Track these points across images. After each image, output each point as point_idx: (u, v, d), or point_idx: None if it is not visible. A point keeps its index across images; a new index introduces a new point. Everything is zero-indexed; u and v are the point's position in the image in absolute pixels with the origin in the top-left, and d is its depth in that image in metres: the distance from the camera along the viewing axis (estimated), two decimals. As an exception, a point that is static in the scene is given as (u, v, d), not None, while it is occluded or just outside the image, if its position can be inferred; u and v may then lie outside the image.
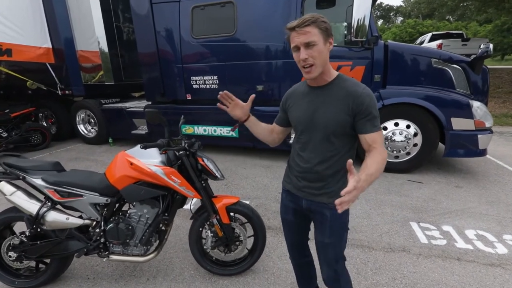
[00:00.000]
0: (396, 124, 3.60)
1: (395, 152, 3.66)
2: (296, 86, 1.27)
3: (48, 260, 1.82)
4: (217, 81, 4.30)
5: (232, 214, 1.85)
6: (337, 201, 0.86)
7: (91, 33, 5.33)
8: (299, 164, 1.21)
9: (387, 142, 3.63)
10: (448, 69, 3.55)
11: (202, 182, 1.75)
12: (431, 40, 13.26)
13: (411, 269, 1.98)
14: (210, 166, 1.73)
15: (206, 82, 4.36)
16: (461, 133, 3.38)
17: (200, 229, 1.86)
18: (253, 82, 4.15)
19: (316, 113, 1.12)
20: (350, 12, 3.25)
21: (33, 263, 1.86)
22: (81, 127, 5.80)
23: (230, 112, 1.28)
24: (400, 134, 3.58)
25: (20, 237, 1.70)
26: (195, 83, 4.43)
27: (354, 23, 3.24)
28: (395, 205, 2.89)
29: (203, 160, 1.71)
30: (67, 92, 5.37)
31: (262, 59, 4.03)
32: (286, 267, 2.00)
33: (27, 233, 1.67)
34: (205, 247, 1.86)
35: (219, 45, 4.16)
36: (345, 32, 3.71)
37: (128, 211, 1.74)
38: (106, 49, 5.58)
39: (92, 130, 5.78)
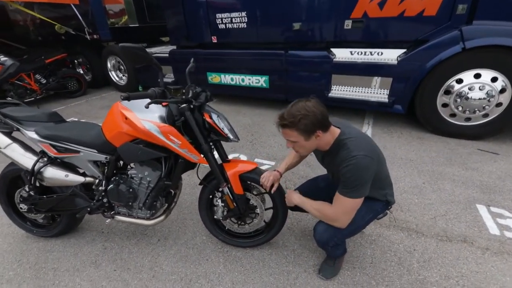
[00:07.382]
0: (477, 76, 2.69)
1: (467, 112, 2.83)
2: None
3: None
4: (246, 19, 3.62)
5: (248, 182, 1.53)
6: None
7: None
8: None
9: (458, 100, 2.79)
10: None
11: (211, 143, 1.42)
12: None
13: (473, 267, 1.53)
14: (220, 124, 1.35)
15: (233, 20, 3.71)
16: None
17: (211, 196, 1.60)
18: (288, 20, 3.40)
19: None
20: None
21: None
22: (112, 74, 5.78)
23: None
24: (480, 90, 2.69)
25: (27, 190, 1.63)
26: (221, 22, 3.81)
27: None
28: (458, 180, 2.29)
29: (210, 117, 1.34)
30: (95, 36, 5.23)
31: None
32: (310, 245, 1.71)
33: (27, 188, 1.58)
34: (215, 216, 1.62)
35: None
36: None
37: (129, 172, 1.52)
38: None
39: (124, 78, 5.72)
